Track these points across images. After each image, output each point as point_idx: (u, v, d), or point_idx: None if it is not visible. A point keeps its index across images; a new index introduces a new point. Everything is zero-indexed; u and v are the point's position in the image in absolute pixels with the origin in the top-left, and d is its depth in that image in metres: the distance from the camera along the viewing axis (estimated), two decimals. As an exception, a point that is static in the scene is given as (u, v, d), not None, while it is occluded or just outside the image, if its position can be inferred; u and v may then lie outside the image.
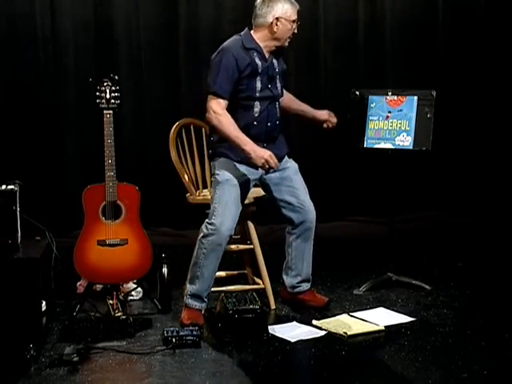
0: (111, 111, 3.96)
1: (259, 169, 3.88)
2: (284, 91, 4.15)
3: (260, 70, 3.90)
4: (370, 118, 4.49)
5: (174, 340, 3.55)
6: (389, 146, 4.43)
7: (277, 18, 3.89)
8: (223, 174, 3.91)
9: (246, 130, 3.86)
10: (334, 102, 5.71)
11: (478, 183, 6.25)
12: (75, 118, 5.80)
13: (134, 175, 4.90)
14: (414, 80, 5.63)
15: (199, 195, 4.19)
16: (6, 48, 5.62)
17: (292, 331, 3.78)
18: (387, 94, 4.47)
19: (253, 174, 3.96)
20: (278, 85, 4.03)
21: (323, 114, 4.30)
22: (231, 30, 5.88)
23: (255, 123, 3.92)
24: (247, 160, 3.84)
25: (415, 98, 4.38)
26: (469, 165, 6.27)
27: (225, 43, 3.95)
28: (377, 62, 6.14)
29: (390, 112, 4.45)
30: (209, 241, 3.87)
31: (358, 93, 4.55)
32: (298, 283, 4.19)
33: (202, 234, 3.90)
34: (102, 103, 3.96)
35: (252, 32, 3.98)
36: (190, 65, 5.94)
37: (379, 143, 4.46)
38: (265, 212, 4.61)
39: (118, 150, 3.97)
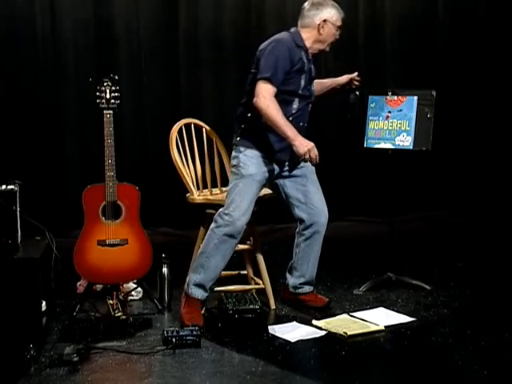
0: (111, 111, 3.96)
1: (286, 163, 3.97)
2: None
3: (306, 69, 3.98)
4: (370, 118, 4.49)
5: (174, 340, 3.55)
6: (389, 145, 4.43)
7: (324, 21, 3.98)
8: (249, 168, 3.91)
9: None
10: (334, 102, 5.73)
11: (477, 183, 6.26)
12: (75, 118, 5.80)
13: (134, 175, 4.91)
14: (413, 80, 5.64)
15: (199, 195, 4.19)
16: (6, 48, 5.63)
17: (292, 331, 3.78)
18: (387, 94, 4.47)
19: (275, 172, 4.01)
20: (313, 88, 4.09)
21: (343, 78, 4.38)
22: (231, 30, 5.95)
23: (291, 119, 3.92)
24: (279, 153, 3.93)
25: (415, 98, 4.38)
26: (469, 165, 6.27)
27: (277, 36, 3.98)
28: (377, 62, 6.14)
29: (389, 112, 4.45)
30: (222, 231, 3.86)
31: (358, 93, 4.55)
32: (300, 284, 4.19)
33: (215, 224, 3.89)
34: (102, 103, 3.96)
35: (301, 32, 4.03)
36: (189, 65, 5.95)
37: (379, 143, 4.46)
38: (265, 212, 4.62)
39: (117, 150, 3.97)
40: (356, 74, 4.39)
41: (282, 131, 3.82)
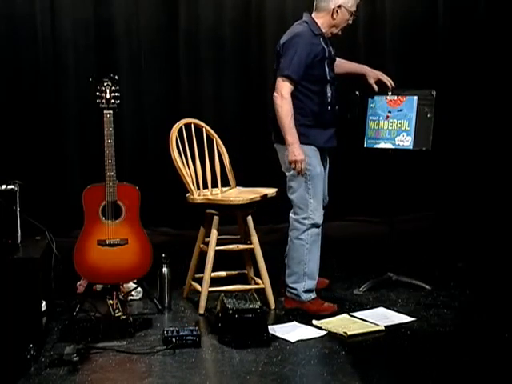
0: (111, 111, 3.96)
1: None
2: None
3: (327, 55, 4.09)
4: (370, 117, 4.50)
5: (174, 340, 3.55)
6: (389, 145, 4.43)
7: (339, 6, 4.06)
8: (315, 167, 4.05)
9: (321, 115, 4.05)
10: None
11: (477, 183, 6.25)
12: (75, 118, 5.80)
13: (134, 175, 4.91)
14: (414, 80, 5.63)
15: (199, 195, 4.19)
16: (6, 48, 5.62)
17: (292, 331, 3.78)
18: (387, 94, 4.47)
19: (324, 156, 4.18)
20: (334, 68, 4.20)
21: (373, 73, 4.42)
22: (231, 29, 5.94)
23: (329, 108, 4.09)
24: (326, 142, 4.11)
25: (415, 97, 4.38)
26: (469, 165, 6.27)
27: (296, 30, 4.05)
28: (377, 62, 6.13)
29: (390, 112, 4.45)
30: (309, 234, 4.05)
31: (357, 93, 4.55)
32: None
33: (300, 231, 4.05)
34: (102, 103, 3.96)
35: (316, 17, 4.11)
36: (189, 65, 5.94)
37: (379, 143, 4.47)
38: (265, 212, 4.63)
39: (117, 150, 3.98)
40: (389, 81, 4.41)
41: (285, 133, 3.95)
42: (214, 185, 4.35)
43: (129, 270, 4.03)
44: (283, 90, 3.94)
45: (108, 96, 3.96)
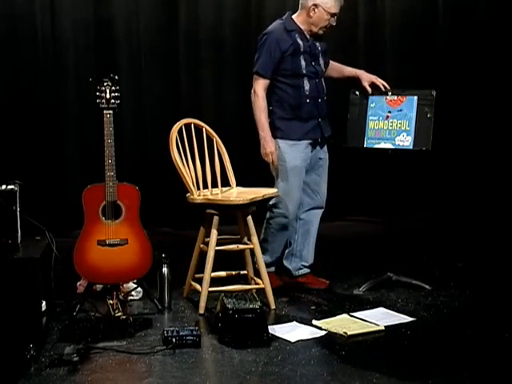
0: (111, 111, 3.95)
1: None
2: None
3: (302, 49, 4.24)
4: (370, 118, 4.49)
5: (174, 340, 3.55)
6: (389, 145, 4.43)
7: (315, 5, 4.21)
8: (287, 162, 4.26)
9: (299, 108, 4.26)
10: (334, 102, 5.73)
11: (478, 183, 6.26)
12: (75, 118, 5.81)
13: (134, 175, 4.91)
14: (414, 80, 5.64)
15: (199, 195, 4.19)
16: (6, 48, 5.63)
17: (292, 331, 3.78)
18: (387, 94, 4.47)
19: (308, 149, 4.33)
20: (321, 62, 4.36)
21: (367, 78, 4.50)
22: (231, 30, 5.95)
23: (307, 101, 4.28)
24: (305, 135, 4.29)
25: (415, 97, 4.38)
26: (469, 165, 6.27)
27: (269, 27, 4.30)
28: (377, 62, 6.14)
29: (390, 112, 4.45)
30: (276, 222, 4.33)
31: (357, 93, 4.55)
32: (300, 267, 4.48)
33: (268, 216, 4.36)
34: (102, 103, 3.96)
35: (295, 15, 4.31)
36: (189, 65, 5.95)
37: (379, 143, 4.46)
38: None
39: (118, 150, 3.97)
40: (383, 84, 4.46)
41: (257, 127, 4.24)
42: (214, 185, 4.35)
43: (129, 270, 4.02)
44: (256, 86, 4.22)
45: (108, 96, 3.95)
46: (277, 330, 3.77)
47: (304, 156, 4.32)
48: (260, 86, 4.21)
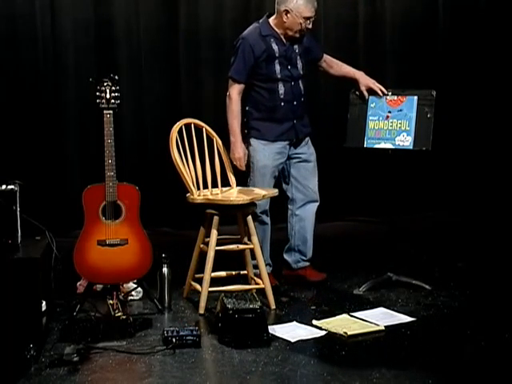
0: (111, 111, 3.96)
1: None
2: (326, 57, 4.59)
3: (278, 54, 4.32)
4: (370, 118, 4.49)
5: (174, 340, 3.55)
6: (389, 145, 4.43)
7: (286, 10, 4.25)
8: (258, 161, 4.39)
9: (274, 110, 4.36)
10: (334, 102, 5.73)
11: (478, 183, 6.26)
12: (75, 118, 5.80)
13: (134, 175, 4.91)
14: (413, 80, 5.64)
15: (199, 195, 4.19)
16: (6, 48, 5.62)
17: (292, 331, 3.78)
18: (387, 94, 4.47)
19: (285, 149, 4.43)
20: (299, 65, 4.41)
21: (365, 81, 4.52)
22: (231, 30, 5.94)
23: (282, 104, 4.36)
24: (280, 136, 4.39)
25: (415, 97, 4.38)
26: (469, 165, 6.27)
27: (244, 32, 4.37)
28: (377, 62, 6.14)
29: (390, 112, 4.45)
30: (255, 217, 4.33)
31: (358, 93, 4.55)
32: (298, 260, 4.58)
33: None
34: (102, 103, 3.96)
35: (272, 18, 4.37)
36: (189, 65, 5.94)
37: (379, 143, 4.46)
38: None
39: (118, 150, 3.97)
40: (380, 88, 4.47)
41: (230, 132, 4.35)
42: (214, 185, 4.35)
43: (129, 270, 4.03)
44: (230, 90, 4.33)
45: (108, 96, 3.96)
46: (277, 330, 3.77)
47: (277, 156, 4.42)
48: (234, 90, 4.32)
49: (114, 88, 3.98)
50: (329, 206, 4.77)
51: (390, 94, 4.47)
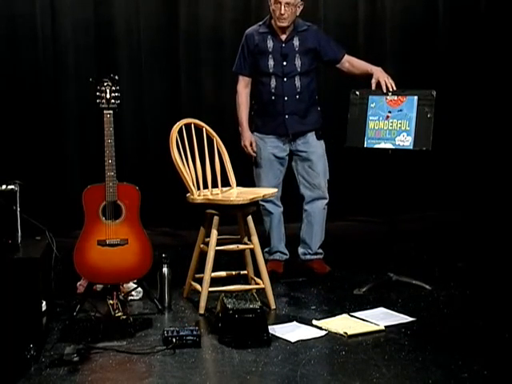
0: (111, 111, 3.96)
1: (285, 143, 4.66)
2: (349, 58, 4.71)
3: (271, 50, 4.54)
4: (370, 118, 4.49)
5: (174, 340, 3.55)
6: (389, 145, 4.43)
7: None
8: (259, 153, 4.64)
9: (266, 104, 4.58)
10: (334, 102, 5.73)
11: (478, 183, 6.26)
12: (75, 118, 5.80)
13: (134, 175, 4.91)
14: (413, 80, 5.63)
15: (199, 195, 4.19)
16: (6, 48, 5.62)
17: (292, 331, 3.78)
18: (387, 94, 4.47)
19: (280, 143, 4.64)
20: (297, 62, 4.56)
21: (376, 75, 4.57)
22: (231, 30, 5.94)
23: (273, 98, 4.57)
24: (272, 130, 4.62)
25: (415, 98, 4.39)
26: (469, 165, 6.27)
27: (247, 29, 4.69)
28: (377, 62, 6.13)
29: (390, 112, 4.45)
30: (261, 208, 4.67)
31: (358, 93, 4.55)
32: (306, 254, 4.77)
33: None
34: (102, 103, 3.96)
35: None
36: (189, 65, 5.94)
37: (379, 143, 4.46)
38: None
39: (118, 150, 3.97)
40: (386, 85, 4.49)
41: (238, 120, 4.63)
42: (214, 185, 4.35)
43: (129, 270, 4.03)
44: (237, 84, 4.65)
45: (108, 96, 3.96)
46: (277, 330, 3.77)
47: (275, 150, 4.64)
48: (239, 83, 4.64)
49: (114, 88, 3.98)
50: (329, 205, 4.77)
51: (390, 94, 4.47)
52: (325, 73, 6.02)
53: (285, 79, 4.55)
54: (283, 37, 4.56)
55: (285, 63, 4.55)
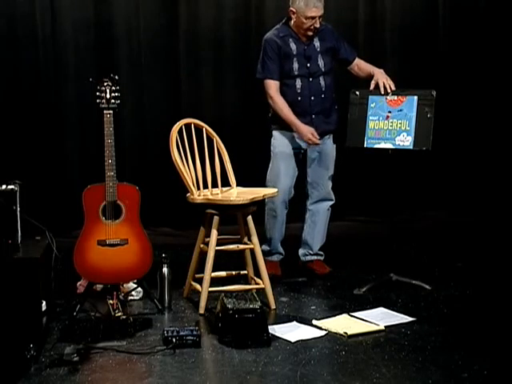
0: (111, 111, 3.95)
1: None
2: (359, 62, 4.74)
3: (295, 52, 4.55)
4: (370, 118, 4.49)
5: (174, 340, 3.55)
6: (389, 145, 4.43)
7: (292, 11, 4.49)
8: (276, 147, 4.63)
9: (293, 105, 4.53)
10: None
11: (477, 183, 6.26)
12: (75, 118, 5.80)
13: (134, 175, 4.92)
14: (414, 80, 5.64)
15: (199, 195, 4.19)
16: (6, 48, 5.62)
17: (292, 331, 3.78)
18: (387, 94, 4.47)
19: (303, 143, 4.60)
20: (320, 62, 4.59)
21: (376, 76, 4.59)
22: (231, 30, 5.94)
23: (299, 98, 4.56)
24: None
25: (415, 97, 4.39)
26: (469, 165, 6.27)
27: (266, 34, 4.63)
28: (377, 62, 6.13)
29: (390, 112, 4.45)
30: (268, 207, 4.65)
31: (358, 93, 4.56)
32: (307, 254, 4.78)
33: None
34: (102, 103, 3.96)
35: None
36: (190, 65, 5.94)
37: (379, 143, 4.46)
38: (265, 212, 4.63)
39: (118, 150, 3.97)
40: (384, 86, 4.50)
41: (288, 122, 4.52)
42: (214, 185, 4.35)
43: (129, 270, 4.03)
44: (268, 90, 4.56)
45: (108, 96, 3.95)
46: (277, 330, 3.77)
47: (296, 145, 4.61)
48: (271, 88, 4.54)
49: (114, 88, 3.98)
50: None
51: (390, 93, 4.47)
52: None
53: (310, 79, 4.57)
54: (304, 38, 4.56)
55: (309, 64, 4.56)
